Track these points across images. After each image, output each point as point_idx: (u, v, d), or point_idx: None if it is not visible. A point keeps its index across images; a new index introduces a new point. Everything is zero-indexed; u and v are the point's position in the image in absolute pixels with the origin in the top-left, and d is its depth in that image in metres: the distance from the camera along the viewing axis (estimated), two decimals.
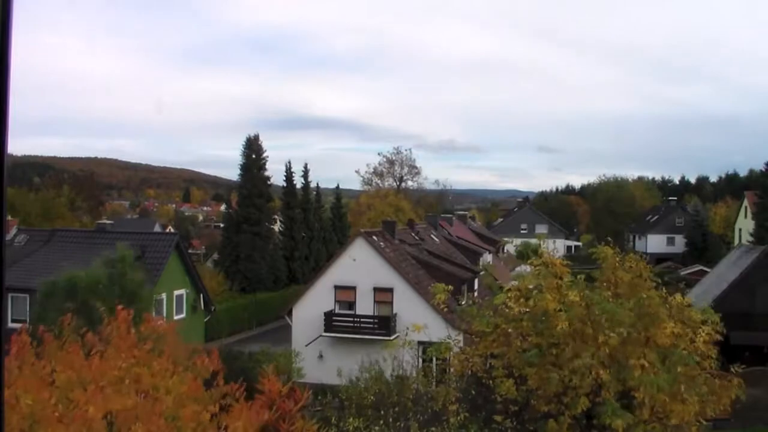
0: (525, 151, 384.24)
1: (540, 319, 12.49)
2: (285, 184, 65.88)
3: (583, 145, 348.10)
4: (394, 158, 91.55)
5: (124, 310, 7.16)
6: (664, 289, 13.26)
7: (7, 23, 2.22)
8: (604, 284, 12.72)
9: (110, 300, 20.54)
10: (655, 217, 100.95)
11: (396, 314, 36.84)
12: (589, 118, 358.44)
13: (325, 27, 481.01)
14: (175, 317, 35.84)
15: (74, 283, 24.99)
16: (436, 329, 20.52)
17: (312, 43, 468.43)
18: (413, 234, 50.16)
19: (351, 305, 38.49)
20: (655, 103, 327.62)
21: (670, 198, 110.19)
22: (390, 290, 37.77)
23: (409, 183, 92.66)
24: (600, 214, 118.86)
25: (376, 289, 38.01)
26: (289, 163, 66.49)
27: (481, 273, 46.50)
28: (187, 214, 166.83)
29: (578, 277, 13.09)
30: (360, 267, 37.81)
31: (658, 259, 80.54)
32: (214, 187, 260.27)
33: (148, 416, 5.86)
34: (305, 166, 68.62)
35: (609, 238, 15.74)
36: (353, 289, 38.23)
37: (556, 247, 73.32)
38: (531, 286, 13.36)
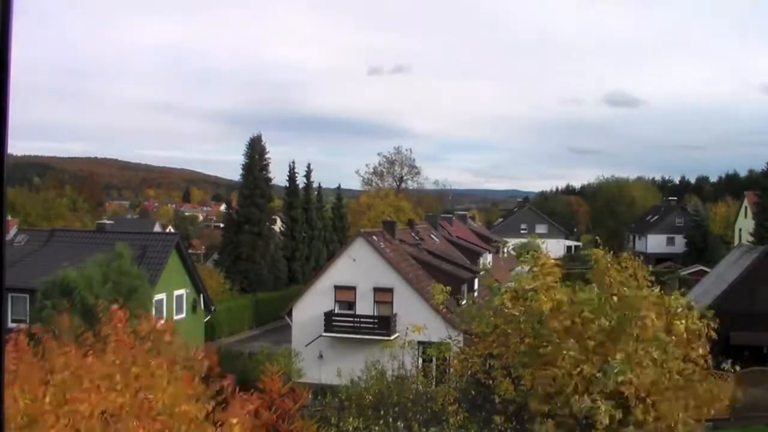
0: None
1: (537, 320, 12.51)
2: (288, 184, 65.80)
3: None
4: (394, 158, 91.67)
5: (120, 308, 7.16)
6: (658, 288, 13.26)
7: (7, 23, 2.23)
8: (596, 285, 12.75)
9: (104, 297, 20.55)
10: (655, 217, 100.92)
11: (396, 314, 36.84)
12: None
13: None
14: (175, 317, 35.81)
15: (68, 282, 24.98)
16: (436, 329, 20.55)
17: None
18: (413, 234, 50.17)
19: (351, 305, 38.49)
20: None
21: (670, 198, 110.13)
22: (390, 290, 37.78)
23: (409, 183, 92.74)
24: (600, 214, 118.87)
25: (376, 289, 38.01)
26: (293, 163, 66.47)
27: (481, 273, 46.51)
28: (187, 214, 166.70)
29: (576, 283, 13.12)
30: (360, 267, 37.81)
31: (658, 259, 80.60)
32: (214, 187, 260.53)
33: (144, 414, 5.87)
34: (308, 167, 68.60)
35: (597, 239, 15.79)
36: (353, 289, 38.23)
37: (548, 247, 73.23)
38: (527, 287, 13.38)
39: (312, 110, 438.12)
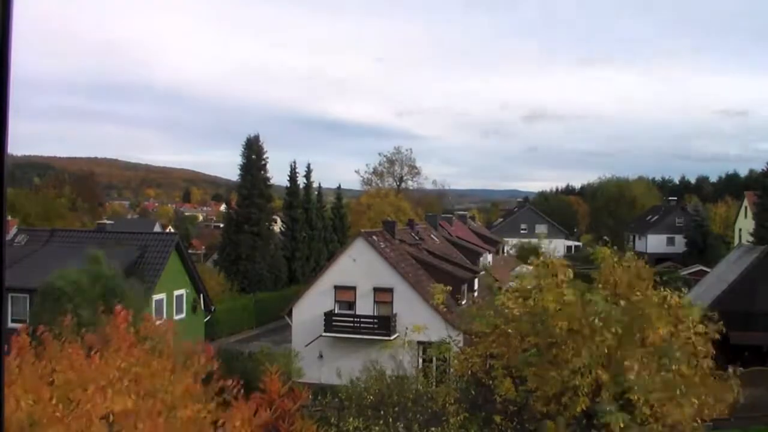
0: None
1: (540, 320, 12.50)
2: (288, 184, 65.77)
3: None
4: (394, 158, 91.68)
5: (123, 310, 7.17)
6: (662, 288, 13.24)
7: (7, 23, 2.23)
8: (601, 285, 12.73)
9: (93, 300, 20.51)
10: (655, 217, 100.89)
11: (396, 314, 36.83)
12: None
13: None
14: (175, 317, 35.80)
15: (59, 289, 24.93)
16: (436, 329, 20.55)
17: None
18: (413, 234, 50.16)
19: (351, 305, 38.47)
20: None
21: (670, 198, 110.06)
22: (390, 290, 37.76)
23: (409, 183, 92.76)
24: (600, 214, 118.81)
25: (376, 289, 37.99)
26: (294, 163, 66.44)
27: (482, 273, 46.52)
28: (187, 214, 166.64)
29: (576, 281, 13.10)
30: (360, 267, 37.80)
31: (658, 259, 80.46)
32: (214, 187, 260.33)
33: (147, 415, 5.86)
34: (308, 167, 68.59)
35: (605, 238, 15.73)
36: (353, 289, 38.21)
37: (556, 246, 73.32)
38: (530, 287, 13.38)
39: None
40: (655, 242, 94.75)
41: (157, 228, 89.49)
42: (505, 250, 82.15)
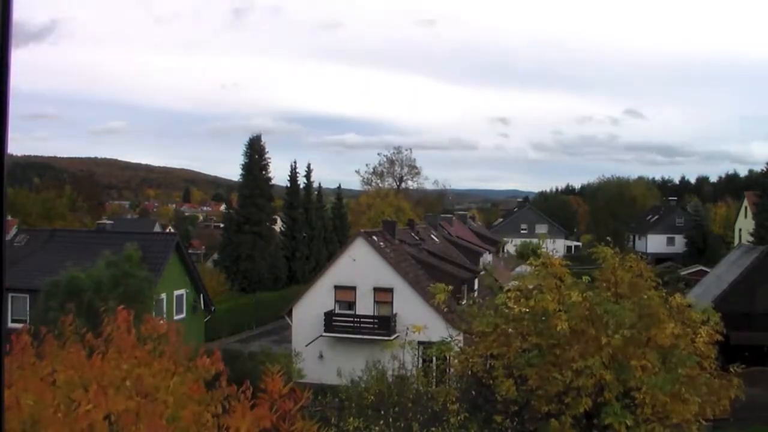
0: None
1: (540, 319, 12.50)
2: (289, 184, 65.82)
3: None
4: (394, 158, 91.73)
5: (124, 310, 7.17)
6: (663, 289, 13.27)
7: (7, 23, 2.22)
8: (604, 284, 12.73)
9: (113, 300, 20.48)
10: (655, 217, 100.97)
11: (396, 314, 36.83)
12: None
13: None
14: (175, 317, 35.81)
15: (76, 284, 24.89)
16: (436, 329, 20.54)
17: None
18: (413, 234, 50.15)
19: (351, 305, 38.47)
20: None
21: (670, 198, 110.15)
22: (390, 290, 37.75)
23: (409, 183, 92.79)
24: (600, 214, 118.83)
25: (376, 289, 37.98)
26: (294, 163, 66.51)
27: (482, 273, 46.53)
28: (187, 214, 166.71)
29: (583, 278, 13.10)
30: (360, 267, 37.79)
31: (658, 259, 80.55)
32: (214, 187, 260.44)
33: (149, 417, 5.86)
34: (308, 166, 68.65)
35: (609, 238, 15.73)
36: (353, 289, 38.20)
37: (556, 247, 73.33)
38: (531, 287, 13.38)
39: None
40: (655, 242, 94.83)
41: (157, 228, 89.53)
42: (506, 250, 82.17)
